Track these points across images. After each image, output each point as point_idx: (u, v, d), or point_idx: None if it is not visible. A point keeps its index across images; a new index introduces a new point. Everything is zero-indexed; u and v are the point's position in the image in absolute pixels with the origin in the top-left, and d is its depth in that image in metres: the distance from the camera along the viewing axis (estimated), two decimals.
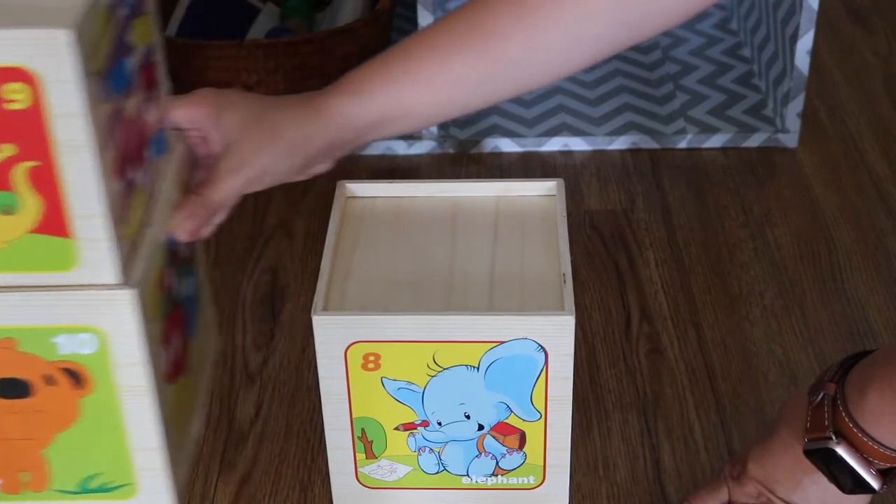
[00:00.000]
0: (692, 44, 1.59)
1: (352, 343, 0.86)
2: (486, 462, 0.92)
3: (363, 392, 0.88)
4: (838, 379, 0.82)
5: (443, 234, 0.93)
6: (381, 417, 0.90)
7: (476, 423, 0.89)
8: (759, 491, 0.87)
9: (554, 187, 0.95)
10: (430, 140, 1.40)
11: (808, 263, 1.22)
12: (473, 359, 0.86)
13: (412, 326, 0.85)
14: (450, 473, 0.93)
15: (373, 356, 0.86)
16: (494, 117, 1.45)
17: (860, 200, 1.31)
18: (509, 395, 0.88)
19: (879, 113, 1.46)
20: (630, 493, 0.97)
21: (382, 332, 0.85)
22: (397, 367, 0.86)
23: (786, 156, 1.39)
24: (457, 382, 0.87)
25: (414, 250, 0.92)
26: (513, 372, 0.86)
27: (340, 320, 0.85)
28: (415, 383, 0.87)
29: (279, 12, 1.53)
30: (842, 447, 0.79)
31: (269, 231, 1.28)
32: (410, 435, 0.90)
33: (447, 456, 0.91)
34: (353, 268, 0.90)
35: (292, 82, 1.39)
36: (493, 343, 0.85)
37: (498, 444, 0.90)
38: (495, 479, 0.93)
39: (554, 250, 0.90)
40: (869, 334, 1.12)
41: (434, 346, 0.85)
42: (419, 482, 0.93)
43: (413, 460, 0.92)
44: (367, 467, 0.92)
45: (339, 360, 0.86)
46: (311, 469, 1.00)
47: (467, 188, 0.96)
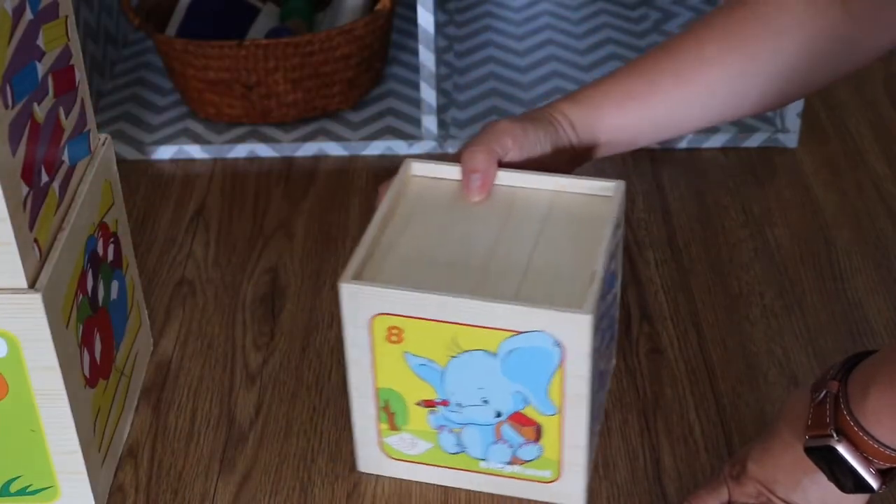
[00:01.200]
0: None
1: (376, 314, 0.87)
2: (504, 449, 0.93)
3: (387, 363, 0.90)
4: (841, 377, 0.82)
5: (493, 221, 0.94)
6: (403, 390, 0.91)
7: (494, 409, 0.90)
8: (759, 491, 0.87)
9: (612, 188, 0.96)
10: (430, 140, 1.40)
11: (808, 263, 1.22)
12: (493, 345, 0.87)
13: (434, 305, 0.86)
14: (468, 456, 0.94)
15: (396, 329, 0.88)
16: (494, 117, 1.45)
17: (860, 200, 1.31)
18: (526, 386, 0.88)
19: (880, 113, 1.46)
20: (630, 493, 0.97)
21: (405, 308, 0.86)
22: (419, 343, 0.88)
23: (786, 156, 1.39)
24: (476, 366, 0.88)
25: (460, 233, 0.93)
26: (530, 363, 0.87)
27: (366, 291, 0.87)
28: (436, 361, 0.89)
29: (279, 12, 1.53)
30: (842, 445, 0.79)
31: (269, 231, 1.28)
32: (431, 412, 0.92)
33: (466, 438, 0.93)
34: (398, 242, 0.92)
35: (292, 82, 1.39)
36: (512, 332, 0.86)
37: (515, 433, 0.91)
38: (512, 467, 0.94)
39: (590, 249, 0.91)
40: (869, 334, 1.12)
41: (455, 328, 0.86)
42: (439, 460, 0.94)
43: (433, 437, 0.93)
44: (390, 438, 0.94)
45: (365, 329, 0.88)
46: (311, 469, 1.00)
47: (529, 180, 0.96)
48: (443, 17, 1.64)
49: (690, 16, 1.65)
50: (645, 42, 1.60)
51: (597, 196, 0.96)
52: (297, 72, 1.39)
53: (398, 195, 0.97)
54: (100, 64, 1.51)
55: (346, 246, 1.26)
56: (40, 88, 0.85)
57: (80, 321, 0.90)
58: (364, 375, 0.91)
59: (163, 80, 1.54)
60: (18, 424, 0.88)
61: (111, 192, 1.00)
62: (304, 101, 1.42)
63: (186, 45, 1.38)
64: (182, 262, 1.24)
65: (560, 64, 1.55)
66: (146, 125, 1.46)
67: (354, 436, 0.96)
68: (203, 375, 1.10)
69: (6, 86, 0.78)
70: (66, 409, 0.86)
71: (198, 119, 1.46)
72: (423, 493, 0.97)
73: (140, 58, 1.60)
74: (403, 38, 1.60)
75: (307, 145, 1.41)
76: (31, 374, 0.84)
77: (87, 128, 0.96)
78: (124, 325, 1.02)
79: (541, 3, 1.69)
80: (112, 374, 0.98)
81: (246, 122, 1.44)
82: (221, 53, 1.36)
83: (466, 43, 1.61)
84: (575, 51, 1.58)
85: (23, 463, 0.90)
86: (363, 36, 1.40)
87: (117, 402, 1.00)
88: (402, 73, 1.54)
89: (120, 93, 1.52)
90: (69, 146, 0.92)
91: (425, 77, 1.35)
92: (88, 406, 0.91)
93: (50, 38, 0.86)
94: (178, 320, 1.16)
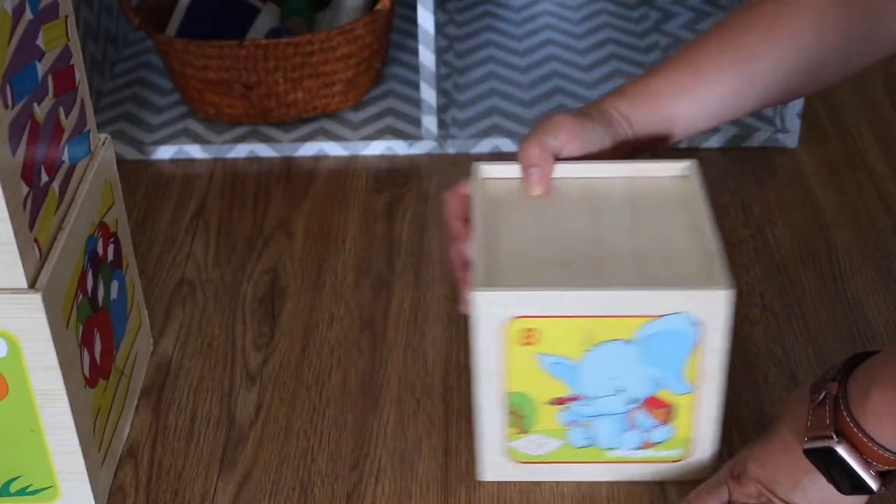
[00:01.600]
0: None
1: (511, 318, 0.87)
2: (635, 436, 0.93)
3: (518, 367, 0.90)
4: (841, 378, 0.82)
5: (581, 213, 0.94)
6: (533, 392, 0.91)
7: (627, 396, 0.91)
8: (759, 491, 0.87)
9: (688, 168, 0.97)
10: (430, 140, 1.40)
11: (808, 263, 1.21)
12: (629, 333, 0.87)
13: (572, 302, 0.86)
14: (597, 447, 0.94)
15: (530, 331, 0.88)
16: (494, 117, 1.45)
17: (860, 200, 1.31)
18: (662, 369, 0.89)
19: (880, 113, 1.46)
20: (630, 491, 0.97)
21: (542, 308, 0.86)
22: (554, 341, 0.88)
23: (786, 156, 1.39)
24: (611, 357, 0.88)
25: (555, 229, 0.93)
26: (667, 346, 0.88)
27: (501, 296, 0.87)
28: (570, 358, 0.89)
29: (279, 12, 1.53)
30: (842, 447, 0.79)
31: (269, 231, 1.28)
32: (562, 409, 0.92)
33: (596, 430, 0.93)
34: (499, 247, 0.92)
35: (292, 82, 1.39)
36: (650, 317, 0.86)
37: (647, 417, 0.92)
38: (643, 452, 0.94)
39: (694, 227, 0.92)
40: (869, 334, 1.12)
41: (591, 321, 0.87)
42: (567, 456, 0.95)
43: (562, 434, 0.93)
44: (516, 441, 0.94)
45: (497, 335, 0.88)
46: (311, 469, 1.00)
47: (600, 169, 0.97)
48: (443, 17, 1.64)
49: (690, 16, 1.65)
50: (645, 42, 1.60)
51: (673, 177, 0.97)
52: (297, 72, 1.39)
53: (482, 200, 0.96)
54: (100, 64, 1.51)
55: (346, 246, 1.26)
56: (40, 88, 0.84)
57: (80, 321, 0.89)
58: (494, 382, 0.91)
59: (163, 80, 1.54)
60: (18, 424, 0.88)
61: (111, 192, 1.00)
62: (304, 101, 1.42)
63: (186, 45, 1.38)
64: (182, 262, 1.24)
65: (560, 64, 1.55)
66: (146, 125, 1.46)
67: (480, 444, 0.95)
68: (203, 375, 1.10)
69: (6, 86, 0.78)
70: (66, 409, 0.86)
71: (198, 119, 1.46)
72: (424, 491, 0.97)
73: (140, 58, 1.60)
74: (403, 38, 1.60)
75: (307, 145, 1.41)
76: (31, 374, 0.84)
77: (87, 128, 0.96)
78: (124, 325, 1.02)
79: (541, 3, 1.69)
80: (112, 374, 0.98)
81: (246, 122, 1.44)
82: (221, 53, 1.36)
83: (466, 43, 1.61)
84: (575, 51, 1.58)
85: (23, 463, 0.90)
86: (363, 36, 1.40)
87: (117, 402, 1.00)
88: (402, 73, 1.53)
89: (120, 93, 1.52)
90: (69, 146, 0.92)
91: (425, 77, 1.35)
92: (88, 406, 0.91)
93: (50, 38, 0.86)
94: (178, 320, 1.16)
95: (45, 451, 0.89)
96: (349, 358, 1.11)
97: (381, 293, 1.19)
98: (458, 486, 0.98)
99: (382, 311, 1.16)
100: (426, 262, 1.23)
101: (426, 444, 1.02)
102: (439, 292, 1.18)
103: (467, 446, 1.01)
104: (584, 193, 0.96)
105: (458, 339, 1.13)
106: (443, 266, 1.22)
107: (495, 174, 0.99)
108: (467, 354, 1.11)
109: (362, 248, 1.25)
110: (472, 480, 0.98)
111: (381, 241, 1.26)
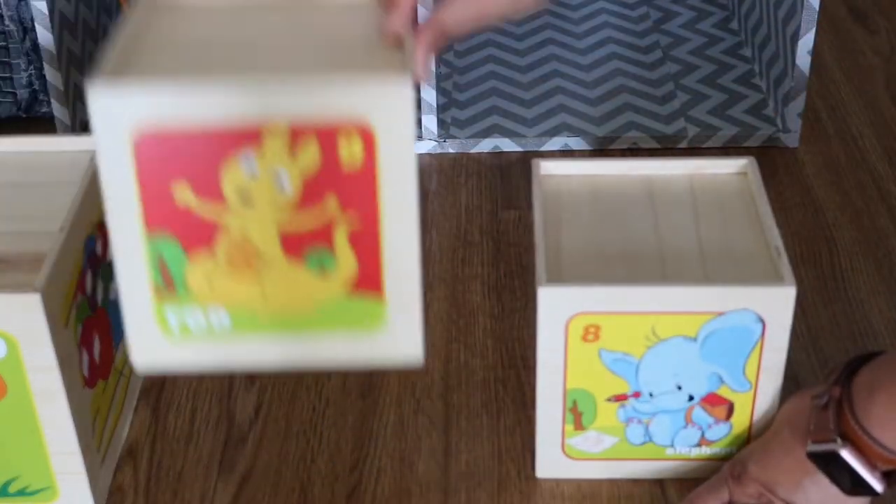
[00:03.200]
0: (693, 43, 1.59)
1: (574, 314, 0.87)
2: (693, 432, 0.93)
3: (579, 363, 0.90)
4: (843, 382, 0.81)
5: (642, 210, 0.95)
6: (593, 389, 0.91)
7: (687, 393, 0.91)
8: (760, 491, 0.87)
9: (746, 165, 0.98)
10: (430, 140, 1.40)
11: (808, 263, 1.21)
12: (692, 330, 0.87)
13: (636, 298, 0.86)
14: (654, 444, 0.94)
15: (594, 328, 0.88)
16: (494, 117, 1.45)
17: (861, 200, 1.30)
18: (723, 366, 0.89)
19: (881, 112, 1.46)
20: (630, 492, 0.97)
21: (606, 304, 0.87)
22: (616, 338, 0.88)
23: (787, 155, 1.38)
24: (673, 353, 0.88)
25: (617, 226, 0.94)
26: (729, 343, 0.88)
27: (566, 292, 0.87)
28: (632, 354, 0.89)
29: None
30: (846, 450, 0.79)
31: None
32: (621, 406, 0.92)
33: (654, 427, 0.93)
34: (562, 243, 0.92)
35: None
36: (713, 314, 0.86)
37: (706, 414, 0.92)
38: (699, 449, 0.94)
39: (756, 225, 0.92)
40: (870, 335, 1.12)
41: (654, 318, 0.87)
42: (624, 453, 0.95)
43: (620, 431, 0.93)
44: (573, 438, 0.94)
45: (561, 331, 0.88)
46: (311, 469, 1.00)
47: (660, 166, 0.98)
48: None
49: (691, 16, 1.65)
50: (645, 42, 1.59)
51: (731, 174, 0.98)
52: None
53: (541, 197, 0.96)
54: None
55: None
56: None
57: (80, 321, 0.89)
58: (555, 378, 0.91)
59: None
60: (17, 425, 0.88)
61: None
62: None
63: None
64: None
65: (560, 64, 1.55)
66: None
67: (537, 440, 0.95)
68: (202, 376, 1.09)
69: None
70: (65, 410, 0.86)
71: None
72: (424, 491, 0.97)
73: None
74: None
75: None
76: (29, 375, 0.83)
77: None
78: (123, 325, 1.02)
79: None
80: (111, 374, 0.98)
81: None
82: None
83: (466, 43, 1.60)
84: (575, 51, 1.58)
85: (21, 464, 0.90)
86: None
87: (116, 403, 1.00)
88: None
89: None
90: None
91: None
92: (87, 406, 0.91)
93: None
94: None
95: (43, 451, 0.89)
96: None
97: None
98: (459, 485, 0.98)
99: None
100: (426, 262, 1.22)
101: (426, 444, 1.02)
102: (439, 292, 1.18)
103: (467, 446, 1.01)
104: (645, 190, 0.97)
105: (458, 339, 1.12)
106: (443, 266, 1.22)
107: (555, 171, 0.99)
108: (467, 354, 1.10)
109: None
110: (471, 480, 0.98)
111: None
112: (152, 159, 0.69)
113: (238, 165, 0.70)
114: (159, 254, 0.72)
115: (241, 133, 0.69)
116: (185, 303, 0.74)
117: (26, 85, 1.40)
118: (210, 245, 0.72)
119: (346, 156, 0.69)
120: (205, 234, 0.72)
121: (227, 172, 0.70)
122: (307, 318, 0.75)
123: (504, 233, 1.26)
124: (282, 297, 0.74)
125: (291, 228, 0.72)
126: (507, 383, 1.07)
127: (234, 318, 0.74)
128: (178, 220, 0.71)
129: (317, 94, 0.68)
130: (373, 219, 0.72)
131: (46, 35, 1.32)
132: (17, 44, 1.37)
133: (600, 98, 1.48)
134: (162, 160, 0.69)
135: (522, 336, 1.12)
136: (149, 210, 0.71)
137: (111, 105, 0.68)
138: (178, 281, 0.73)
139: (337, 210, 0.72)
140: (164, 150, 0.69)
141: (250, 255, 0.72)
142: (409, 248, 0.73)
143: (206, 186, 0.70)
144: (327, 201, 0.71)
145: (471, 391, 1.07)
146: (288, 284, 0.74)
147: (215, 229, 0.72)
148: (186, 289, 0.74)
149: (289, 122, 0.68)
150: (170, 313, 0.74)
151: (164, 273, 0.73)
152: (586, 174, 0.99)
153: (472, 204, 1.31)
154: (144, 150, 0.69)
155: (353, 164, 0.70)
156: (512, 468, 0.99)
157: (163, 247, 0.72)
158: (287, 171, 0.70)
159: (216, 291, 0.74)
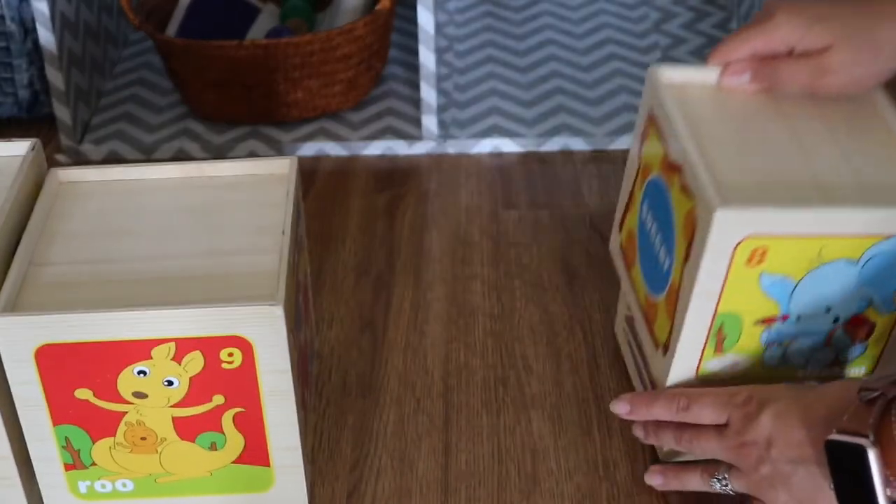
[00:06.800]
0: (692, 44, 1.59)
1: (745, 237, 0.84)
2: (828, 353, 0.92)
3: (736, 288, 0.87)
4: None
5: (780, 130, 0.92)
6: (744, 312, 0.89)
7: (834, 315, 0.89)
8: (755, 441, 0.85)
9: None
10: (430, 140, 1.40)
11: None
12: (857, 252, 0.86)
13: (808, 220, 0.84)
14: (787, 366, 0.92)
15: (761, 250, 0.85)
16: (494, 117, 1.45)
17: None
18: (875, 289, 0.88)
19: None
20: (630, 493, 0.97)
21: (778, 226, 0.84)
22: (780, 261, 0.85)
23: None
24: (832, 276, 0.87)
25: (759, 144, 0.90)
26: (888, 266, 0.86)
27: (741, 214, 0.83)
28: (791, 277, 0.87)
29: (279, 12, 1.53)
30: (874, 452, 0.75)
31: None
32: (766, 329, 0.90)
33: (792, 349, 0.91)
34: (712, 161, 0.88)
35: (292, 82, 1.39)
36: (882, 237, 0.85)
37: (845, 335, 0.91)
38: (829, 370, 0.93)
39: None
40: None
41: (822, 241, 0.85)
42: (756, 375, 0.92)
43: (758, 354, 0.91)
44: (711, 361, 0.92)
45: (727, 255, 0.85)
46: (311, 469, 1.00)
47: None
48: (443, 17, 1.64)
49: (691, 16, 1.65)
50: (645, 42, 1.60)
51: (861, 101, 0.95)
52: (297, 72, 1.39)
53: (678, 112, 0.92)
54: (100, 64, 1.51)
55: (346, 246, 1.26)
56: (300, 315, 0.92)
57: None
58: (708, 304, 0.87)
59: (163, 80, 1.54)
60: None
61: None
62: (305, 102, 1.42)
63: (186, 46, 1.38)
64: None
65: (560, 64, 1.55)
66: (146, 125, 1.46)
67: (672, 365, 0.91)
68: None
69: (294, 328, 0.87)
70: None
71: (198, 119, 1.46)
72: (424, 491, 0.97)
73: (140, 58, 1.60)
74: (403, 38, 1.60)
75: (307, 145, 1.41)
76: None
77: None
78: None
79: (541, 3, 1.69)
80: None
81: (246, 123, 1.44)
82: (221, 53, 1.36)
83: (466, 43, 1.61)
84: (575, 51, 1.58)
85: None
86: (363, 36, 1.40)
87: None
88: (402, 73, 1.54)
89: (120, 93, 1.52)
90: None
91: (425, 77, 1.35)
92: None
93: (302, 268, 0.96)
94: None
95: None
96: (349, 358, 1.11)
97: (381, 293, 1.19)
98: (459, 485, 0.98)
99: (382, 311, 1.17)
100: (426, 262, 1.23)
101: (426, 444, 1.02)
102: (439, 292, 1.18)
103: (467, 446, 1.01)
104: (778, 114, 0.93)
105: (458, 339, 1.13)
106: (443, 266, 1.22)
107: (677, 80, 0.96)
108: (467, 354, 1.11)
109: (362, 248, 1.25)
110: (471, 480, 0.98)
111: (381, 241, 1.26)
112: (54, 368, 0.83)
113: (132, 372, 0.84)
114: (67, 438, 0.87)
115: (132, 348, 0.82)
116: (92, 475, 0.90)
117: (27, 85, 1.41)
118: (112, 430, 0.87)
119: (227, 360, 0.84)
120: (107, 422, 0.86)
121: (122, 378, 0.84)
122: (203, 484, 0.91)
123: (504, 233, 1.27)
124: (178, 468, 0.90)
125: (183, 416, 0.86)
126: (507, 383, 1.08)
127: (137, 485, 0.91)
128: (82, 414, 0.86)
129: (200, 320, 0.82)
130: (256, 405, 0.86)
131: (48, 35, 1.32)
132: (18, 44, 1.37)
133: (600, 98, 1.48)
134: (62, 369, 0.83)
135: (522, 336, 1.13)
136: (54, 408, 0.85)
137: (13, 329, 0.82)
138: (85, 459, 0.88)
139: (223, 400, 0.86)
140: (64, 361, 0.83)
141: (148, 437, 0.88)
142: (291, 425, 0.88)
143: (104, 389, 0.84)
144: (214, 395, 0.86)
145: (471, 391, 1.07)
146: (183, 459, 0.89)
147: (116, 418, 0.86)
148: (93, 464, 0.89)
149: (174, 341, 0.82)
150: (79, 482, 0.90)
151: (72, 453, 0.88)
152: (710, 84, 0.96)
153: (472, 204, 1.31)
154: (45, 361, 0.83)
155: (234, 367, 0.84)
156: (512, 468, 0.99)
157: (70, 432, 0.87)
158: (176, 376, 0.84)
159: (119, 465, 0.89)
